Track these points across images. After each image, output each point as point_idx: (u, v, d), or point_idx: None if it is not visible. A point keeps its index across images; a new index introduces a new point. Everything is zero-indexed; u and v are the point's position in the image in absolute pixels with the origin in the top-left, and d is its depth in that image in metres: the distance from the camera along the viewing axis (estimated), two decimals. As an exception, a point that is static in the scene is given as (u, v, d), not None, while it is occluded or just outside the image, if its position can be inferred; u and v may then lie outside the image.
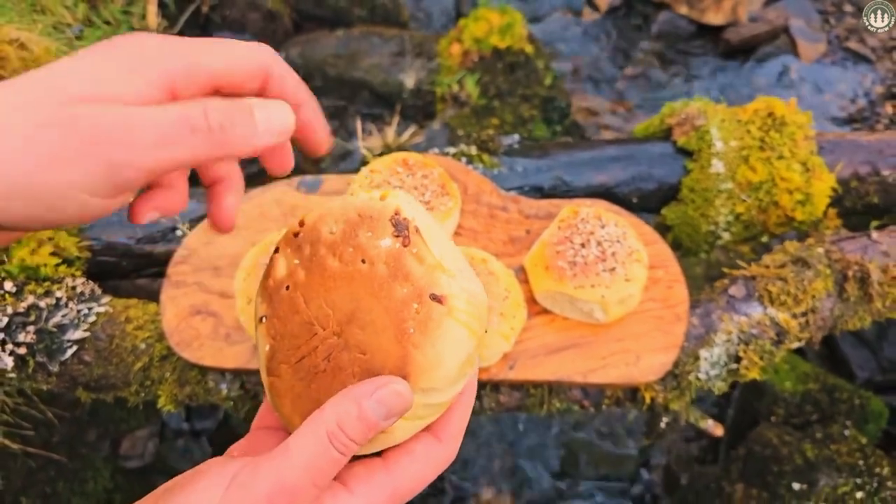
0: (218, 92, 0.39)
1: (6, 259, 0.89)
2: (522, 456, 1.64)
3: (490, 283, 0.87)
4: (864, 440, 1.51)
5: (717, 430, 1.05)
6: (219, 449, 1.48)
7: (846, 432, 1.55)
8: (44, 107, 0.33)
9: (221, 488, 0.36)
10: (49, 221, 0.35)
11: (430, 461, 0.40)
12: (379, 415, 0.36)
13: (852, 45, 2.19)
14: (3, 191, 0.32)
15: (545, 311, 0.92)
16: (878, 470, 1.46)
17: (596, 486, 1.64)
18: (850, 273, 0.97)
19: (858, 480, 1.44)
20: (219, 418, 1.61)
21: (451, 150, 1.08)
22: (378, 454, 0.40)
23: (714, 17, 2.18)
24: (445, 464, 0.41)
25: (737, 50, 2.18)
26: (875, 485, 1.43)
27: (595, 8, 2.25)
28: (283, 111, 0.40)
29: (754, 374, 0.97)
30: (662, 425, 1.00)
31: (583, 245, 0.90)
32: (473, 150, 1.07)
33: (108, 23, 1.51)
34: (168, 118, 0.34)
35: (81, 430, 1.45)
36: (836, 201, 1.09)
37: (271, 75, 0.41)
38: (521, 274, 0.94)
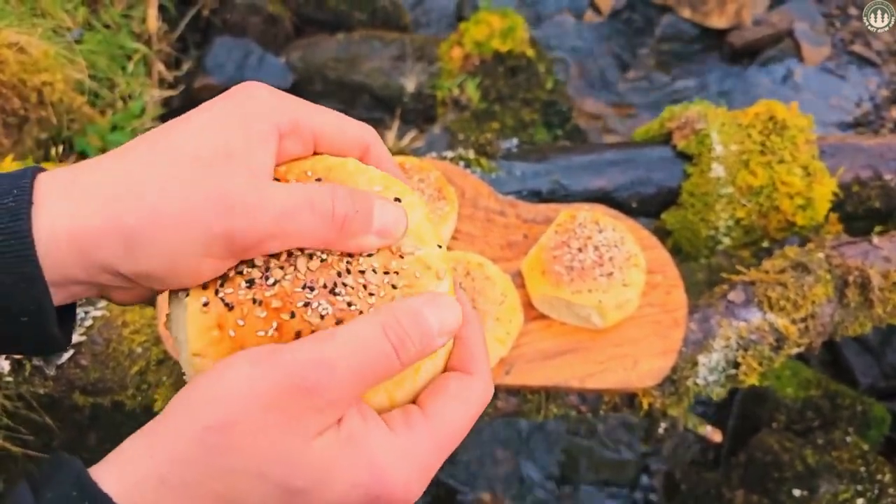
0: (315, 153, 0.39)
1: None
2: (522, 460, 1.63)
3: (486, 288, 0.86)
4: (865, 447, 1.50)
5: (716, 437, 1.05)
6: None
7: (848, 439, 1.54)
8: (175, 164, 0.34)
9: (249, 365, 0.31)
10: (160, 279, 0.34)
11: (471, 396, 0.36)
12: (434, 324, 0.34)
13: (857, 48, 2.18)
14: (135, 237, 0.33)
15: (542, 316, 0.92)
16: (879, 477, 1.45)
17: (596, 491, 1.64)
18: (851, 278, 0.96)
19: (859, 487, 1.43)
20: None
21: (449, 153, 1.08)
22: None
23: (718, 21, 2.18)
24: (486, 398, 0.37)
25: (740, 54, 2.17)
26: (876, 492, 1.42)
27: (597, 11, 2.25)
28: (398, 212, 0.37)
29: (753, 381, 0.96)
30: (661, 431, 1.00)
31: (580, 250, 0.89)
32: (471, 154, 1.07)
33: (107, 26, 1.51)
34: (293, 197, 0.35)
35: (82, 435, 1.45)
36: (837, 206, 1.08)
37: (370, 152, 0.41)
38: (518, 278, 0.94)
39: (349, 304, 0.35)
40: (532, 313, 0.92)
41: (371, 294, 0.36)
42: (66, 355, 0.87)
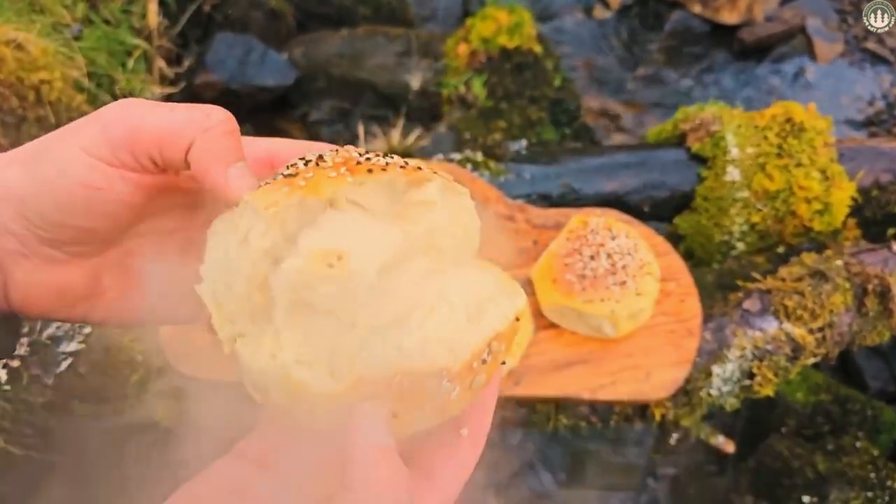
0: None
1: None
2: (527, 463, 1.62)
3: (496, 297, 0.84)
4: (875, 452, 1.48)
5: (728, 447, 1.02)
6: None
7: (858, 444, 1.51)
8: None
9: None
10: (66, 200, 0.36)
11: (470, 461, 0.37)
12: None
13: (871, 45, 2.14)
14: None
15: (553, 326, 0.89)
16: (889, 483, 1.42)
17: (602, 494, 1.62)
18: (870, 287, 0.94)
19: (870, 494, 1.41)
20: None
21: (456, 156, 1.05)
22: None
23: (729, 17, 2.14)
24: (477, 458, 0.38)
25: (752, 50, 2.13)
26: (886, 498, 1.40)
27: (606, 6, 2.21)
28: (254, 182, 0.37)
29: (768, 391, 0.94)
30: (672, 441, 0.97)
31: (592, 257, 0.87)
32: (479, 157, 1.04)
33: (107, 22, 1.49)
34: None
35: (85, 436, 1.44)
36: (855, 211, 1.06)
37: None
38: (528, 286, 0.91)
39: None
40: (542, 322, 0.90)
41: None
42: (65, 364, 0.85)
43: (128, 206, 0.38)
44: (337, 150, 0.38)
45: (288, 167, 0.37)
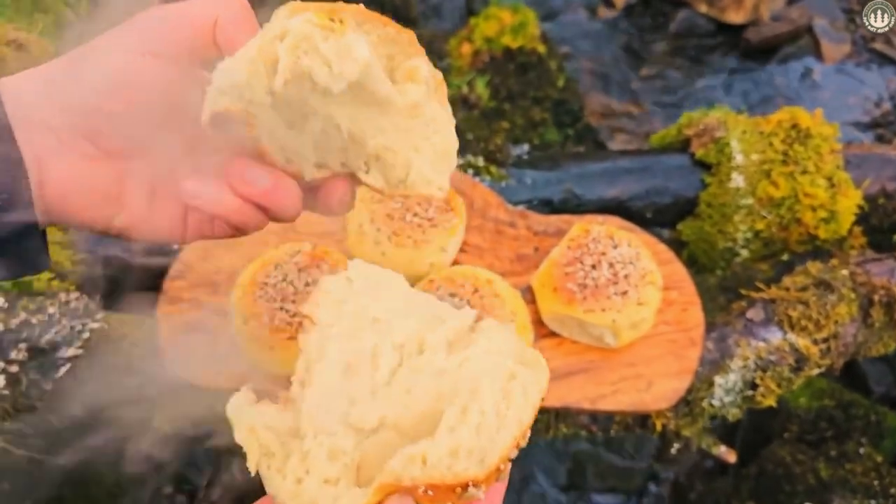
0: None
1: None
2: (528, 467, 1.61)
3: (495, 306, 0.83)
4: (879, 458, 1.47)
5: (730, 457, 1.02)
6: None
7: (861, 450, 1.50)
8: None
9: None
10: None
11: None
12: None
13: (878, 46, 2.12)
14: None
15: (553, 334, 0.89)
16: (893, 490, 1.42)
17: (603, 498, 1.61)
18: (876, 297, 0.93)
19: (873, 501, 1.40)
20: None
21: (458, 161, 1.04)
22: None
23: (735, 16, 2.12)
24: None
25: (758, 50, 2.11)
26: (889, 505, 1.39)
27: (611, 6, 2.19)
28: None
29: (770, 402, 0.93)
30: (673, 451, 0.97)
31: (594, 266, 0.86)
32: (480, 162, 1.03)
33: (110, 21, 1.48)
34: None
35: (86, 437, 1.44)
36: (861, 219, 1.04)
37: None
38: (529, 294, 0.91)
39: None
40: (542, 330, 0.89)
41: None
42: (64, 369, 0.85)
43: (161, 97, 0.41)
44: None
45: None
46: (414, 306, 0.39)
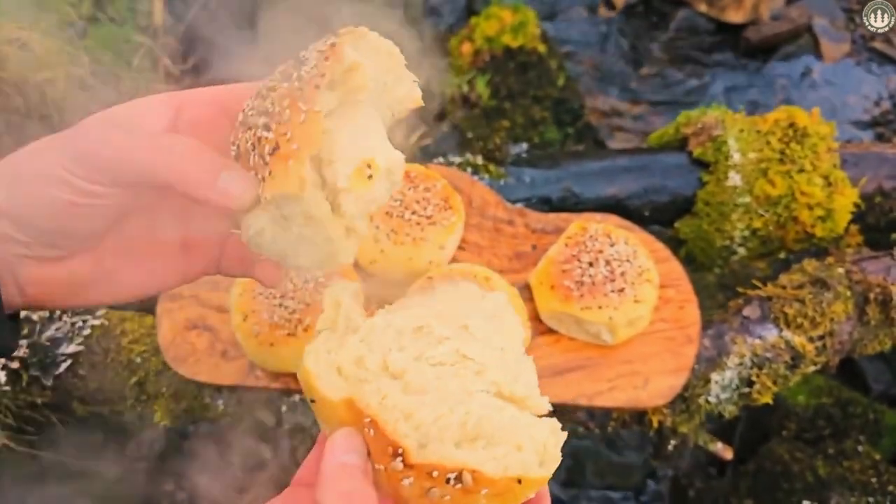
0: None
1: None
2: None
3: (493, 303, 0.84)
4: (877, 456, 1.47)
5: (727, 454, 1.02)
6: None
7: (859, 448, 1.51)
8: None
9: None
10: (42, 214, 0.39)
11: None
12: None
13: (878, 45, 2.12)
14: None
15: (550, 331, 0.89)
16: (891, 488, 1.42)
17: (601, 495, 1.62)
18: (872, 295, 0.93)
19: (871, 499, 1.41)
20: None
21: (457, 158, 1.05)
22: None
23: (734, 15, 2.12)
24: None
25: (757, 49, 2.11)
26: (888, 503, 1.39)
27: (611, 5, 2.19)
28: (247, 183, 0.38)
29: (767, 399, 0.93)
30: (670, 448, 0.97)
31: (591, 264, 0.87)
32: (479, 160, 1.04)
33: (113, 19, 1.49)
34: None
35: (88, 432, 1.45)
36: (858, 217, 1.05)
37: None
38: (526, 291, 0.91)
39: None
40: (540, 328, 0.90)
41: None
42: (64, 365, 0.85)
43: (116, 208, 0.40)
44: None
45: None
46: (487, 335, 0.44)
